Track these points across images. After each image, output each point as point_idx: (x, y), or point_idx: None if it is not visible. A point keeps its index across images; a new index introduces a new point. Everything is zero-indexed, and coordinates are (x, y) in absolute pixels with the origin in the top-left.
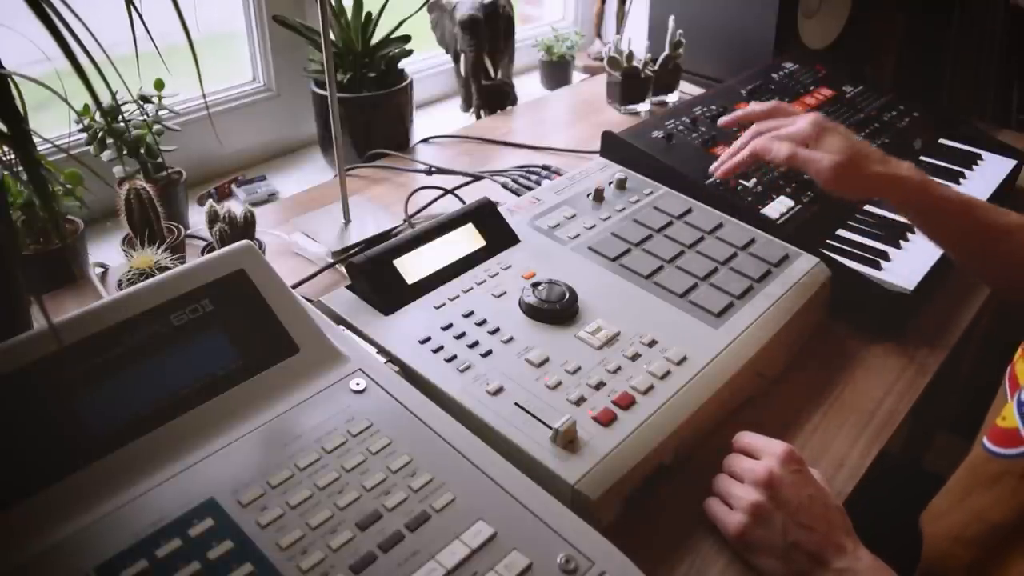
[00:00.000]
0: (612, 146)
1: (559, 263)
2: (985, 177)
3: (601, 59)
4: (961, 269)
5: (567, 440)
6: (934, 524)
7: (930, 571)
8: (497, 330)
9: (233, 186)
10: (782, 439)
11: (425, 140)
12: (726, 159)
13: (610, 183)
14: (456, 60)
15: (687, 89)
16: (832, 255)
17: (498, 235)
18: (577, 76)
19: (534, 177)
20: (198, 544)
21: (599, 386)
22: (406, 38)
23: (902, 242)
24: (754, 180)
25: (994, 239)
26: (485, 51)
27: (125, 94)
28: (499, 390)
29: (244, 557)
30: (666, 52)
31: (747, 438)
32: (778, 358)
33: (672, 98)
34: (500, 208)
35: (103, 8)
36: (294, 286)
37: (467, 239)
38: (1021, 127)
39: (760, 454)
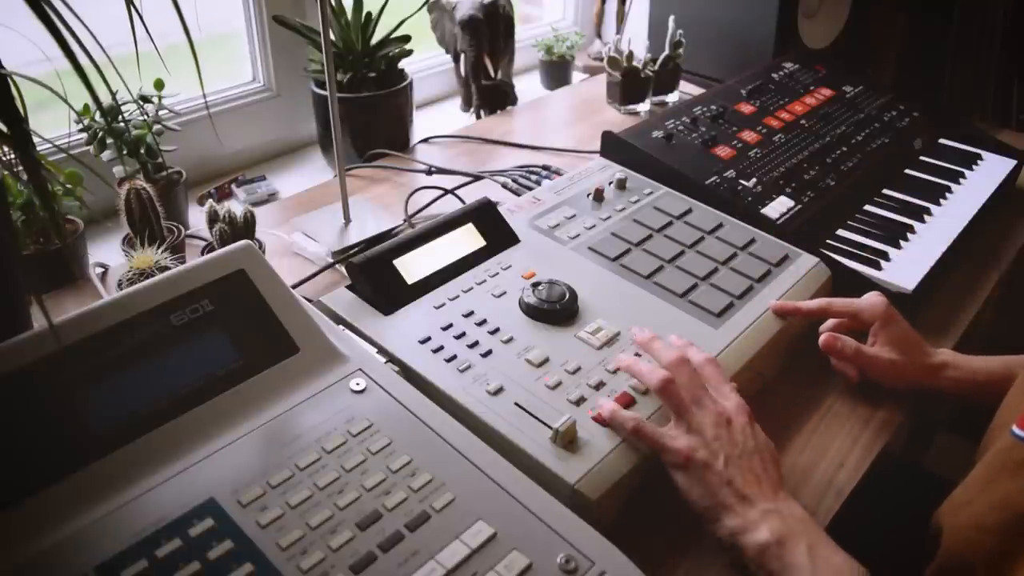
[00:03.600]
0: (612, 146)
1: (559, 263)
2: (985, 177)
3: (601, 59)
4: None
5: (567, 440)
6: (956, 514)
7: (951, 561)
8: (497, 330)
9: (233, 186)
10: (782, 439)
11: (425, 140)
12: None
13: (610, 183)
14: (456, 60)
15: (687, 89)
16: (832, 255)
17: (498, 235)
18: (577, 76)
19: (534, 177)
20: (198, 544)
21: (599, 386)
22: (406, 38)
23: (902, 242)
24: (754, 180)
25: None
26: (485, 51)
27: (125, 94)
28: (499, 390)
29: (244, 557)
30: (666, 52)
31: (708, 370)
32: (778, 358)
33: (672, 98)
34: (500, 208)
35: (103, 8)
36: (294, 286)
37: (467, 239)
38: (1021, 127)
39: (715, 392)
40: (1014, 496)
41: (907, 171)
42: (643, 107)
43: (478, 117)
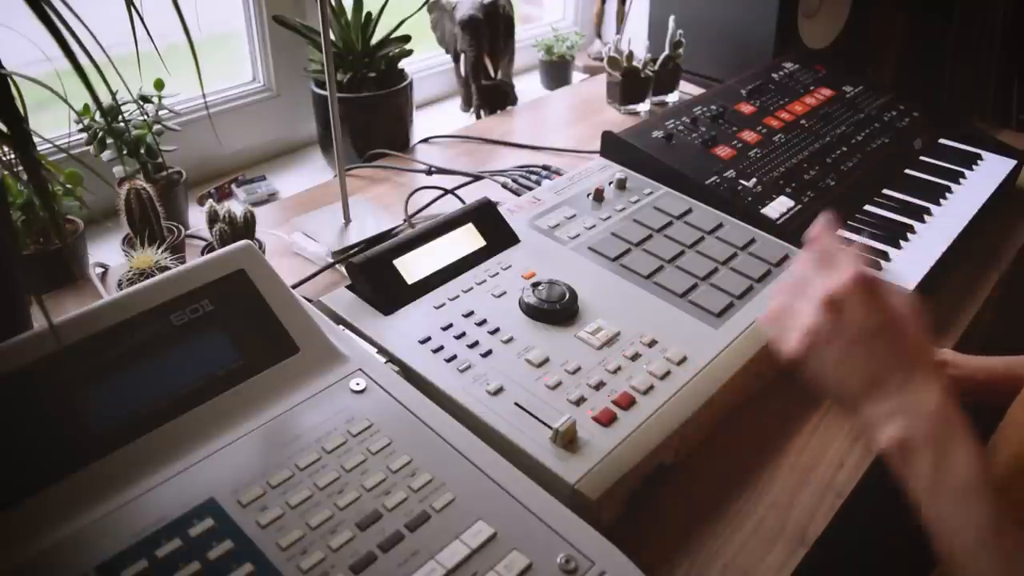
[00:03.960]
0: (612, 146)
1: (559, 263)
2: (985, 177)
3: (601, 59)
4: None
5: (567, 440)
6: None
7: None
8: (497, 330)
9: (233, 186)
10: (782, 439)
11: (425, 140)
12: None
13: (610, 183)
14: (456, 60)
15: (687, 89)
16: None
17: (498, 235)
18: (577, 76)
19: (534, 177)
20: (198, 544)
21: (599, 386)
22: (406, 38)
23: (902, 242)
24: (754, 180)
25: None
26: (485, 51)
27: (125, 94)
28: (499, 390)
29: (244, 557)
30: (666, 52)
31: (824, 240)
32: (778, 358)
33: (672, 98)
34: (500, 208)
35: (103, 8)
36: (294, 286)
37: (467, 239)
38: (1021, 127)
39: (830, 266)
40: None
41: (907, 171)
42: (643, 107)
43: (478, 117)
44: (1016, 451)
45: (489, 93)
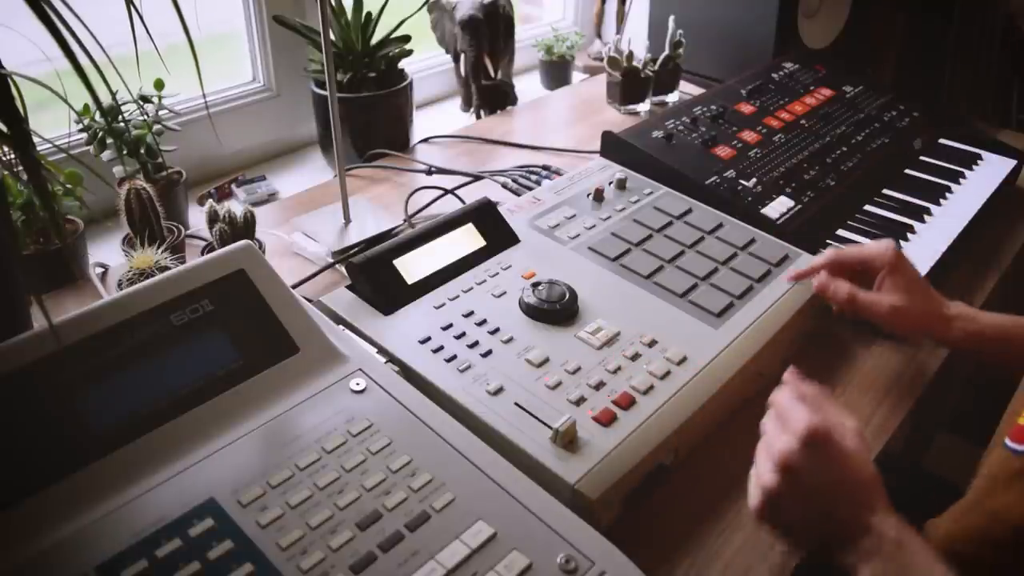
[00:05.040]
0: (612, 146)
1: (559, 263)
2: (985, 177)
3: (601, 59)
4: None
5: (567, 440)
6: (953, 525)
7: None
8: (497, 330)
9: (233, 186)
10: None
11: (425, 140)
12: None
13: (610, 183)
14: (456, 60)
15: (687, 89)
16: None
17: (498, 235)
18: (577, 76)
19: (534, 177)
20: (198, 544)
21: (599, 386)
22: (406, 38)
23: (902, 242)
24: (754, 180)
25: None
26: (485, 51)
27: (125, 94)
28: (499, 390)
29: (244, 557)
30: (666, 52)
31: (780, 401)
32: (778, 358)
33: (672, 98)
34: (500, 208)
35: (103, 8)
36: (294, 286)
37: (467, 239)
38: (1021, 127)
39: (784, 427)
40: (1010, 508)
41: (907, 171)
42: (643, 107)
43: (478, 117)
44: (992, 460)
45: (489, 93)
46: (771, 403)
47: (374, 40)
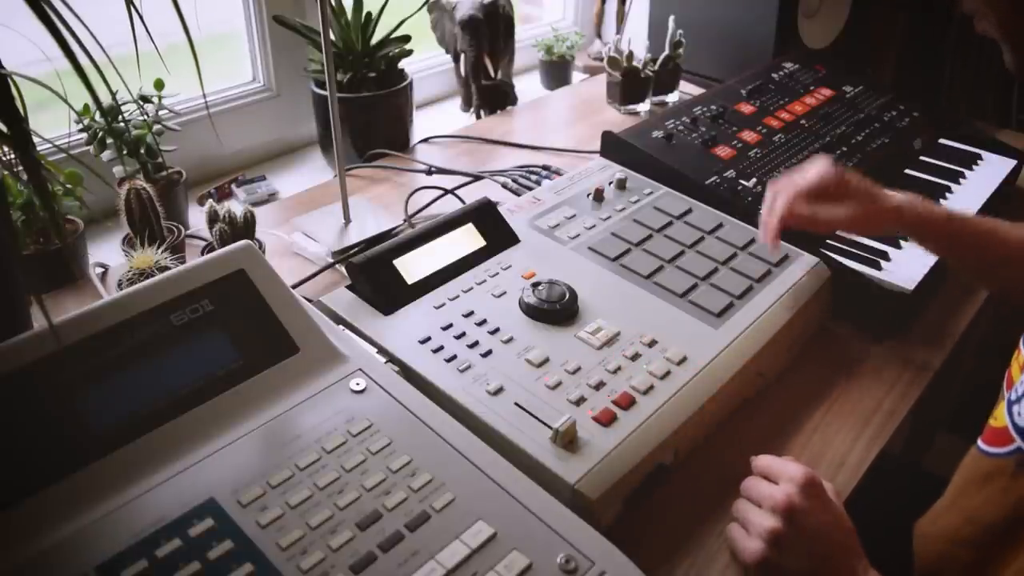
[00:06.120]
0: (612, 146)
1: (559, 263)
2: (985, 177)
3: (601, 59)
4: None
5: (567, 440)
6: (931, 526)
7: (926, 572)
8: (497, 330)
9: (233, 186)
10: (782, 439)
11: (425, 140)
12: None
13: (610, 183)
14: (456, 60)
15: (687, 89)
16: (832, 255)
17: (498, 235)
18: (577, 76)
19: (534, 177)
20: (198, 544)
21: (599, 386)
22: (406, 38)
23: (902, 242)
24: (754, 180)
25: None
26: (485, 51)
27: (125, 94)
28: (499, 390)
29: (244, 557)
30: (666, 52)
31: (765, 460)
32: (778, 358)
33: (672, 98)
34: (500, 208)
35: (103, 8)
36: (294, 286)
37: (467, 239)
38: (1021, 127)
39: (779, 478)
40: (982, 509)
41: (907, 171)
42: (643, 107)
43: (478, 117)
44: (967, 462)
45: (489, 93)
46: (754, 465)
47: (374, 40)
